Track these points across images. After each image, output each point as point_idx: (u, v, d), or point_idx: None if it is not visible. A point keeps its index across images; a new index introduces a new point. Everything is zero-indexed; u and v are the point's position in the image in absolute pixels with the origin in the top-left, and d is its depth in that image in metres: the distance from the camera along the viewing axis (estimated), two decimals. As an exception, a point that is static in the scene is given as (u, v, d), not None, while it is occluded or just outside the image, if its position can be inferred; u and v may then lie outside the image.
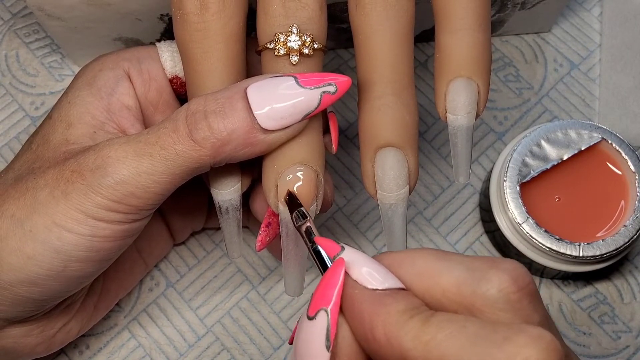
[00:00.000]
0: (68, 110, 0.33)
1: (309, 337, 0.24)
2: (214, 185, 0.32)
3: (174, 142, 0.29)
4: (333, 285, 0.24)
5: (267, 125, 0.29)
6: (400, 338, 0.23)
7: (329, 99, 0.29)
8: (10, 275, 0.30)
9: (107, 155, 0.29)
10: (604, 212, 0.39)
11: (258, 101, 0.29)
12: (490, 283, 0.23)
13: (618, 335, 0.41)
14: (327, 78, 0.29)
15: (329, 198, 0.33)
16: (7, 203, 0.30)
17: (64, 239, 0.29)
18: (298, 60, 0.30)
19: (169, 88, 0.35)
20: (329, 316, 0.24)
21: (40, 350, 0.35)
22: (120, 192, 0.29)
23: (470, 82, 0.30)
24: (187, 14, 0.30)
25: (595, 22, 0.48)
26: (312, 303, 0.25)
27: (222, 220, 0.32)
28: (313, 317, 0.24)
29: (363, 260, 0.25)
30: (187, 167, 0.29)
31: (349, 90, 0.30)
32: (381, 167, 0.30)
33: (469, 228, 0.43)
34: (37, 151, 0.32)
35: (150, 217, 0.32)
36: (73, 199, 0.29)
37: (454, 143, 0.31)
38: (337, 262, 0.25)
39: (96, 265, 0.31)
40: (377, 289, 0.24)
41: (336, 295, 0.24)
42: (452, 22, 0.30)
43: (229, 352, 0.40)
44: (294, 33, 0.30)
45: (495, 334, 0.22)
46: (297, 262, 0.31)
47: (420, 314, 0.23)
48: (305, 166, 0.30)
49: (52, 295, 0.31)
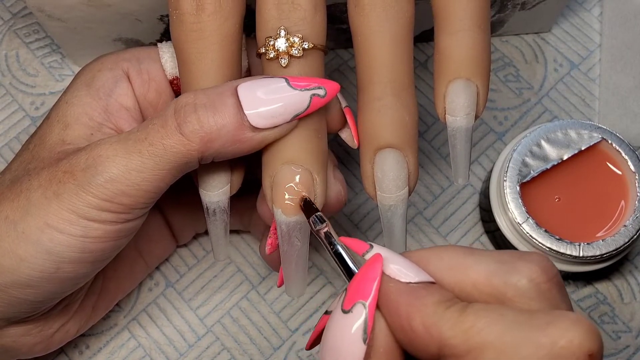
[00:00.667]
0: (65, 111, 0.33)
1: (343, 330, 0.25)
2: (202, 186, 0.32)
3: (162, 136, 0.29)
4: (370, 279, 0.25)
5: (257, 124, 0.29)
6: (440, 327, 0.23)
7: (319, 102, 0.29)
8: (3, 278, 0.30)
9: (98, 154, 0.29)
10: (604, 212, 0.39)
11: (249, 99, 0.29)
12: (521, 274, 0.24)
13: (618, 335, 0.41)
14: (317, 82, 0.29)
15: (342, 198, 0.33)
16: (2, 205, 0.30)
17: (56, 240, 0.29)
18: (288, 62, 0.30)
19: (169, 89, 0.35)
20: (367, 309, 0.25)
21: (38, 349, 0.35)
22: (110, 190, 0.29)
23: (469, 84, 0.30)
24: (183, 14, 0.30)
25: (595, 22, 0.48)
26: (348, 296, 0.25)
27: (209, 222, 0.32)
28: (349, 310, 0.25)
29: (393, 256, 0.26)
30: (176, 163, 0.29)
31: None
32: (381, 168, 0.30)
33: (469, 228, 0.43)
34: (33, 151, 0.32)
35: (144, 218, 0.32)
36: (65, 199, 0.29)
37: (453, 144, 0.31)
38: (375, 257, 0.26)
39: (89, 267, 0.31)
40: (411, 282, 0.25)
41: (375, 289, 0.25)
42: (451, 23, 0.30)
43: (229, 352, 0.40)
44: (281, 36, 0.30)
45: (535, 320, 0.23)
46: (294, 263, 0.31)
47: (456, 304, 0.24)
48: (298, 166, 0.29)
49: (47, 297, 0.31)
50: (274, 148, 0.30)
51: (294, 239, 0.30)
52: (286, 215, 0.29)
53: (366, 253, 0.26)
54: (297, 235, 0.30)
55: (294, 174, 0.29)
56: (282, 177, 0.29)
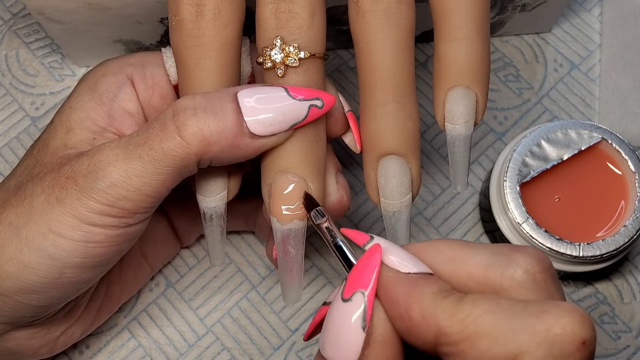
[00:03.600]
0: (69, 115, 0.33)
1: (343, 318, 0.25)
2: (199, 192, 0.32)
3: (161, 140, 0.29)
4: (370, 268, 0.26)
5: (256, 130, 0.29)
6: (437, 316, 0.24)
7: (316, 113, 0.29)
8: (8, 283, 0.30)
9: (99, 159, 0.29)
10: (604, 212, 0.39)
11: (248, 106, 0.29)
12: (517, 265, 0.25)
13: (618, 335, 0.41)
14: (315, 94, 0.29)
15: (345, 203, 0.33)
16: (6, 210, 0.30)
17: (59, 246, 0.29)
18: (284, 72, 0.30)
19: (173, 94, 0.35)
20: (366, 298, 0.25)
21: (43, 352, 0.35)
22: (112, 195, 0.29)
23: (468, 92, 0.30)
24: (183, 21, 0.30)
25: (595, 22, 0.48)
26: (348, 285, 0.26)
27: (206, 227, 0.32)
28: (348, 299, 0.25)
29: (393, 248, 0.26)
30: (176, 166, 0.29)
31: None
32: (384, 175, 0.31)
33: (469, 228, 0.43)
34: (37, 156, 0.32)
35: (147, 223, 0.32)
36: (67, 204, 0.29)
37: (452, 152, 0.32)
38: (374, 247, 0.26)
39: (92, 272, 0.31)
40: (410, 272, 0.25)
41: (374, 278, 0.25)
42: (450, 31, 0.30)
43: (229, 352, 0.40)
44: (277, 46, 0.30)
45: (531, 308, 0.23)
46: (289, 270, 0.31)
47: (453, 294, 0.24)
48: (294, 175, 0.30)
49: (51, 302, 0.31)
50: (270, 156, 0.30)
51: (288, 246, 0.30)
52: (280, 224, 0.30)
53: (366, 244, 0.27)
54: (291, 243, 0.30)
55: (289, 182, 0.30)
56: (277, 185, 0.30)
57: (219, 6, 0.30)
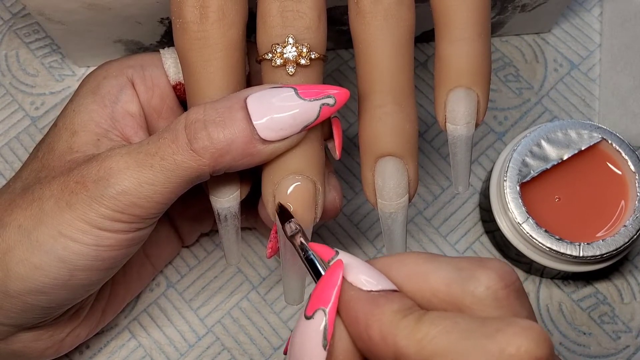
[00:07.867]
0: (72, 118, 0.33)
1: (305, 336, 0.25)
2: (212, 193, 0.32)
3: (173, 152, 0.29)
4: (331, 286, 0.25)
5: (267, 136, 0.29)
6: (395, 336, 0.23)
7: (328, 111, 0.29)
8: (18, 285, 0.30)
9: (109, 166, 0.29)
10: (604, 212, 0.39)
11: (258, 111, 0.29)
12: (478, 281, 0.24)
13: (618, 335, 0.41)
14: (326, 91, 0.29)
15: (337, 204, 0.33)
16: (15, 213, 0.31)
17: (70, 249, 0.30)
18: (295, 70, 0.30)
19: (173, 94, 0.35)
20: (327, 316, 0.25)
21: (49, 354, 0.35)
22: (123, 202, 0.29)
23: (469, 92, 0.31)
24: (187, 23, 0.30)
25: (595, 22, 0.48)
26: (310, 303, 0.25)
27: (221, 227, 0.32)
28: (310, 316, 0.25)
29: (357, 263, 0.26)
30: (187, 177, 0.29)
31: (349, 90, 0.30)
32: (381, 176, 0.31)
33: (469, 228, 0.43)
34: (43, 160, 0.33)
35: (154, 225, 0.32)
36: (77, 209, 0.29)
37: (454, 152, 0.32)
38: (336, 263, 0.26)
39: (102, 274, 0.32)
40: (372, 290, 0.25)
41: (334, 296, 0.25)
42: (451, 31, 0.30)
43: (229, 352, 0.40)
44: (290, 44, 0.29)
45: (486, 327, 0.23)
46: (296, 271, 0.31)
47: (413, 313, 0.24)
48: (302, 176, 0.30)
49: (59, 303, 0.32)
50: (277, 158, 0.30)
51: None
52: None
53: (331, 260, 0.26)
54: None
55: (297, 182, 0.30)
56: (286, 187, 0.29)
57: (223, 7, 0.30)
